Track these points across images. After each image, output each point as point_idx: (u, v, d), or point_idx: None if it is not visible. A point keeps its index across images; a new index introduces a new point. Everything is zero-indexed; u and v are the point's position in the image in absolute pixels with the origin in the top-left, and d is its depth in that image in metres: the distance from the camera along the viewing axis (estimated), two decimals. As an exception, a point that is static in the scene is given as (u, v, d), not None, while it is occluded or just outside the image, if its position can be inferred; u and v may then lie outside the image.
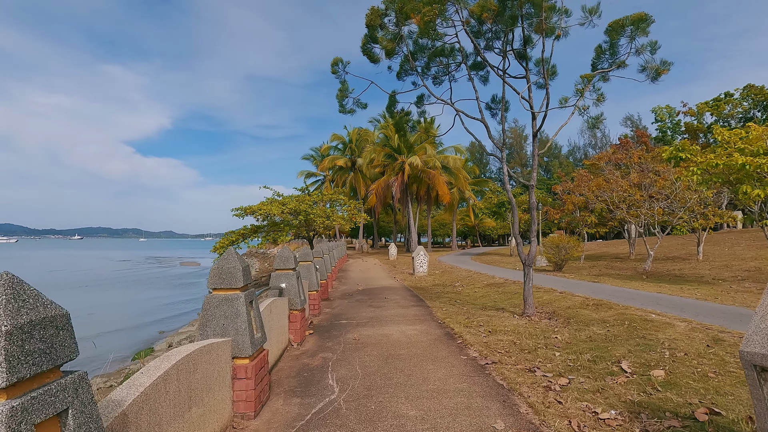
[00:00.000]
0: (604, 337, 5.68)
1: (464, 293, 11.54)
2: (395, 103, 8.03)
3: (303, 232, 30.59)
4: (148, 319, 18.49)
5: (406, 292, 12.11)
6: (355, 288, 13.23)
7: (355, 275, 17.80)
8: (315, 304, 8.43)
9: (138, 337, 14.37)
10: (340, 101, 7.56)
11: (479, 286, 12.58)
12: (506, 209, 29.34)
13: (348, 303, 10.14)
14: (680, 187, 14.61)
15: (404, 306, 9.46)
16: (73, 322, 1.64)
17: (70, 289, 29.59)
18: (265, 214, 29.14)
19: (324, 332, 6.92)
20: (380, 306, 9.53)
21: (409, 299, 10.56)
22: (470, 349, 5.59)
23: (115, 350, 11.91)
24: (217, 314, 3.65)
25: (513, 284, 12.15)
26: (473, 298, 10.53)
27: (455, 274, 16.61)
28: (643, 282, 12.33)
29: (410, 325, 7.31)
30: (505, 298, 10.01)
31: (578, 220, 20.68)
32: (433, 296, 11.08)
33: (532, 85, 7.10)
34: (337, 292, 12.27)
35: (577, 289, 10.79)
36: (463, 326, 6.94)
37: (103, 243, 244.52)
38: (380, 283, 14.47)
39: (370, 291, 12.42)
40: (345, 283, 14.88)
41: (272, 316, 5.11)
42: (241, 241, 28.80)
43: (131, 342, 13.53)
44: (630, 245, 21.75)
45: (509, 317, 7.55)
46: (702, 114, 51.27)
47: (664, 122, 54.12)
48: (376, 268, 22.30)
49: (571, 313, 7.41)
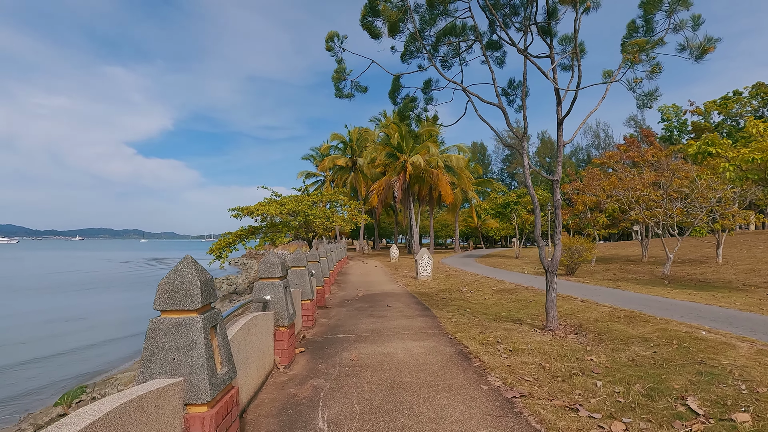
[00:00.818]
0: (652, 362, 4.74)
1: (473, 300, 10.59)
2: (399, 88, 7.10)
3: (302, 233, 29.72)
4: (130, 330, 17.49)
5: (410, 298, 11.17)
6: (355, 294, 12.30)
7: (355, 279, 16.86)
8: (309, 315, 7.49)
9: (103, 357, 12.75)
10: (337, 84, 6.63)
11: (489, 293, 11.63)
12: (511, 210, 28.39)
13: (347, 312, 9.20)
14: (702, 185, 13.66)
15: (409, 316, 8.52)
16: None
17: (63, 291, 28.81)
18: (263, 215, 28.31)
19: (317, 349, 5.99)
20: (382, 315, 8.59)
21: (414, 307, 9.62)
22: (491, 375, 4.65)
23: (56, 381, 10.15)
24: (166, 345, 2.72)
25: (526, 290, 11.20)
26: (484, 306, 9.58)
27: (461, 279, 15.66)
28: (667, 288, 11.37)
29: (417, 340, 6.37)
30: (520, 306, 9.06)
31: (588, 220, 19.72)
32: (440, 304, 10.14)
33: (556, 66, 6.16)
34: (335, 299, 11.33)
35: (598, 296, 9.84)
36: (478, 343, 6.00)
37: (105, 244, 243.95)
38: (382, 288, 13.53)
39: (370, 297, 11.48)
40: (344, 288, 13.94)
41: (251, 337, 4.18)
42: (239, 242, 27.89)
43: (85, 367, 11.78)
44: (642, 247, 20.78)
45: (529, 331, 6.60)
46: (709, 113, 50.37)
47: (670, 121, 53.14)
48: (377, 271, 21.36)
49: (602, 327, 6.46)
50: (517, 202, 27.75)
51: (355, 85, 6.75)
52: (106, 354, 12.39)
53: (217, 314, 3.02)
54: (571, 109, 5.94)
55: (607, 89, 5.82)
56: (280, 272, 5.20)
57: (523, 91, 6.21)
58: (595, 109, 5.89)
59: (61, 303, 23.48)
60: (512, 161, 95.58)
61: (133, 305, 22.93)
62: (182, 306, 2.74)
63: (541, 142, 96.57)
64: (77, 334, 15.09)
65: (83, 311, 20.69)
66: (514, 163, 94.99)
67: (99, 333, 15.50)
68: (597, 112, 8.65)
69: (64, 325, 17.13)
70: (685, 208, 14.58)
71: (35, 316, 18.98)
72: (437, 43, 6.80)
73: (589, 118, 6.33)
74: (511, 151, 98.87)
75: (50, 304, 23.19)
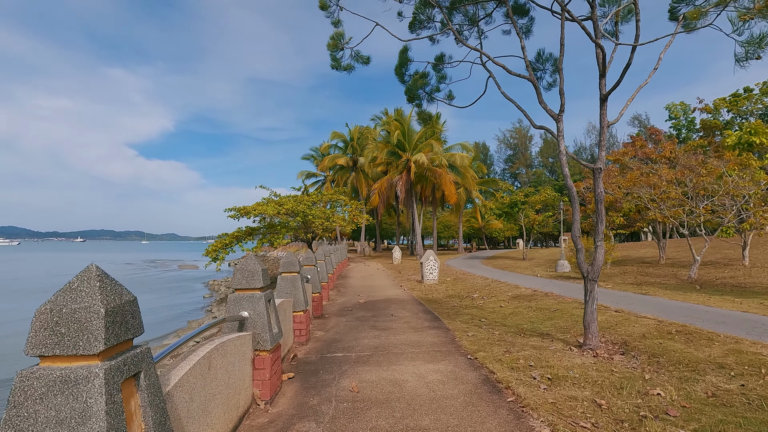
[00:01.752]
0: (745, 401, 3.64)
1: (488, 309, 9.49)
2: (407, 62, 6.03)
3: (301, 234, 28.70)
4: None
5: (417, 305, 10.08)
6: (356, 300, 11.21)
7: (356, 283, 15.78)
8: (302, 329, 6.41)
9: None
10: (333, 53, 5.55)
11: (504, 299, 10.53)
12: (519, 210, 27.30)
13: (346, 322, 8.12)
14: (734, 181, 12.57)
15: (417, 328, 7.43)
16: None
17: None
18: (261, 216, 27.29)
19: (310, 374, 4.91)
20: (387, 327, 7.50)
21: (422, 317, 8.53)
22: (533, 418, 3.56)
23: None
24: (40, 416, 1.65)
25: (545, 297, 10.10)
26: (501, 316, 8.48)
27: (470, 283, 14.56)
28: (702, 294, 10.26)
29: (430, 362, 5.28)
30: (544, 317, 7.96)
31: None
32: (451, 312, 9.05)
33: (599, 30, 5.07)
34: (333, 306, 10.24)
35: (630, 304, 8.73)
36: (506, 367, 4.91)
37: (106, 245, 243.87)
38: (385, 294, 12.45)
39: (373, 304, 10.39)
40: (344, 293, 12.86)
41: (214, 372, 3.10)
42: (235, 244, 26.87)
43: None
44: (660, 248, 19.65)
45: (564, 350, 5.51)
46: (718, 110, 49.25)
47: (678, 119, 52.00)
48: (379, 274, 20.28)
49: (653, 346, 5.37)
50: (524, 202, 26.64)
51: (355, 56, 5.68)
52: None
53: (140, 357, 1.93)
54: (622, 79, 4.84)
55: (671, 36, 4.72)
56: (261, 282, 4.11)
57: (561, 55, 5.12)
58: (655, 71, 4.82)
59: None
60: (514, 161, 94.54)
61: None
62: (71, 350, 1.67)
63: (544, 143, 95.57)
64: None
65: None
66: (516, 163, 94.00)
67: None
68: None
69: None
70: (712, 206, 13.49)
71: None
72: (452, 9, 5.73)
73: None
74: (513, 151, 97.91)
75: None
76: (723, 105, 48.83)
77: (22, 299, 24.30)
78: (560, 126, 5.23)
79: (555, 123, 5.26)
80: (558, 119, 5.22)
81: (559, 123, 5.24)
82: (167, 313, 20.03)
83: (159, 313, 20.19)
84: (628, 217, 18.40)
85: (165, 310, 20.99)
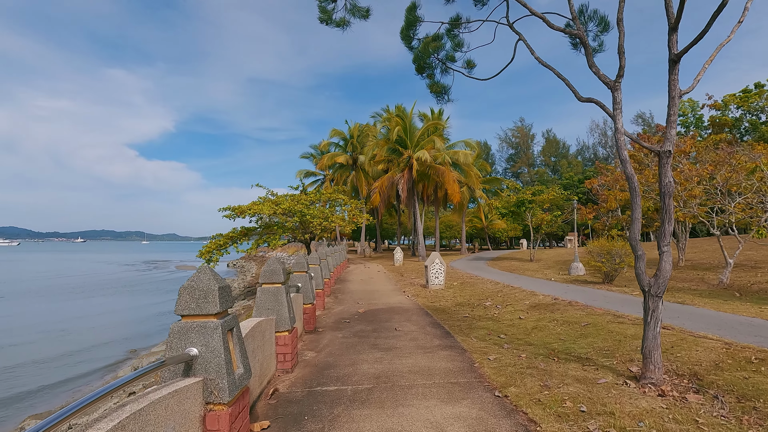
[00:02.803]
0: None
1: (505, 320, 8.29)
2: (415, 24, 4.84)
3: (298, 234, 27.54)
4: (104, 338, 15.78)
5: (423, 316, 8.88)
6: (355, 309, 10.02)
7: (355, 288, 14.58)
8: (288, 352, 5.22)
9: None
10: (322, 4, 4.37)
11: (521, 309, 9.33)
12: (526, 209, 26.10)
13: (343, 339, 6.93)
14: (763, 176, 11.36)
15: (427, 347, 6.24)
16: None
17: (54, 294, 27.20)
18: (258, 216, 26.15)
19: (291, 423, 3.71)
20: (390, 347, 6.31)
21: (431, 331, 7.34)
22: None
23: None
24: None
25: (569, 307, 8.90)
26: (523, 330, 7.29)
27: (480, 288, 13.36)
28: (748, 303, 9.06)
29: (447, 401, 4.09)
30: (575, 333, 6.76)
31: (618, 220, 17.40)
32: (463, 326, 7.85)
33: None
34: (329, 317, 9.05)
35: (672, 316, 7.52)
36: (550, 413, 3.71)
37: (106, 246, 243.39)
38: (387, 301, 11.25)
39: (374, 315, 9.19)
40: (342, 300, 11.67)
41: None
42: (230, 245, 25.70)
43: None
44: (679, 250, 18.45)
45: (618, 385, 4.31)
46: (728, 107, 48.02)
47: (686, 116, 50.83)
48: (380, 277, 19.08)
49: (735, 381, 4.17)
50: (532, 201, 25.44)
51: (351, 8, 4.48)
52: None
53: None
54: (708, 29, 3.63)
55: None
56: (217, 304, 2.89)
57: (621, 5, 3.92)
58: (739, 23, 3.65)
59: (44, 308, 22.04)
60: (516, 161, 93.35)
61: (109, 311, 21.16)
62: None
63: (546, 141, 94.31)
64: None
65: (61, 317, 18.85)
66: (518, 162, 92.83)
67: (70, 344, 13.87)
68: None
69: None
70: (745, 203, 12.29)
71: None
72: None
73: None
74: (515, 150, 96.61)
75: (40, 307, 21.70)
76: (733, 101, 47.56)
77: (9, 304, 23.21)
78: (617, 96, 4.04)
79: (610, 92, 4.07)
80: (615, 87, 4.03)
81: (616, 92, 4.04)
82: (154, 322, 18.91)
83: (144, 322, 19.11)
84: (645, 215, 17.19)
85: (152, 319, 19.85)
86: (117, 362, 12.93)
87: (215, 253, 24.84)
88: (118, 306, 23.84)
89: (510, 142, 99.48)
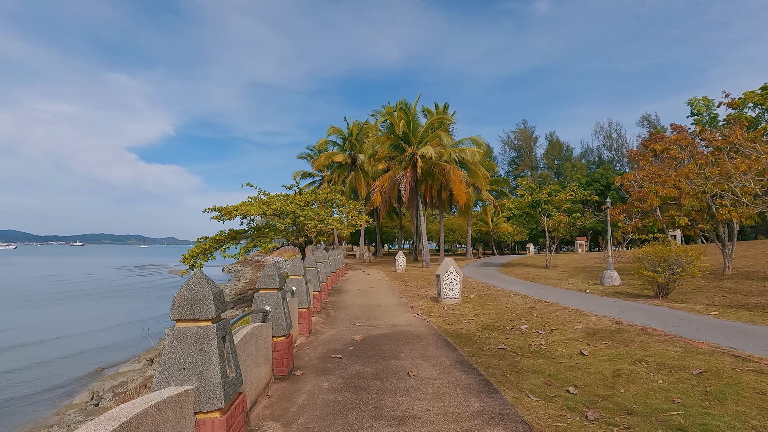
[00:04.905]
0: None
1: (562, 357, 5.86)
2: None
3: (291, 238, 25.13)
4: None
5: (444, 349, 6.46)
6: (350, 335, 7.58)
7: (352, 300, 12.16)
8: (237, 426, 2.80)
9: None
10: None
11: (576, 337, 6.89)
12: (542, 210, 23.73)
13: (328, 396, 4.50)
14: None
15: (461, 415, 3.82)
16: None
17: (33, 301, 25.60)
18: (250, 218, 23.73)
19: None
20: (403, 416, 3.88)
21: (460, 380, 4.92)
22: None
23: None
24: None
25: (646, 336, 6.46)
26: (601, 379, 4.85)
27: (504, 303, 10.93)
28: None
29: None
30: (694, 391, 4.33)
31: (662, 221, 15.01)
32: (504, 367, 5.44)
33: None
34: (315, 348, 6.62)
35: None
36: None
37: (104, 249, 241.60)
38: (391, 321, 8.83)
39: (375, 345, 6.77)
40: (335, 319, 9.24)
41: None
42: (217, 249, 23.27)
43: None
44: (725, 256, 16.01)
45: None
46: (745, 105, 45.88)
47: (701, 115, 48.64)
48: (381, 286, 16.65)
49: None
50: (548, 201, 23.08)
51: None
52: None
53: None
54: None
55: None
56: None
57: None
58: None
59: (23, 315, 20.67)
60: (519, 164, 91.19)
61: (88, 318, 19.10)
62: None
63: (549, 143, 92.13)
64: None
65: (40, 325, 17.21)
66: (521, 165, 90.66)
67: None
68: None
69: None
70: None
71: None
72: None
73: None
74: (517, 153, 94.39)
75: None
76: (752, 99, 45.41)
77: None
78: None
79: None
80: None
81: None
82: (131, 332, 16.97)
83: (122, 332, 17.36)
84: (689, 216, 14.81)
85: (130, 328, 17.85)
86: (78, 377, 11.25)
87: (200, 258, 22.42)
88: (99, 313, 22.14)
89: (512, 144, 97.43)
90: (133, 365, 13.94)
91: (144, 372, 13.01)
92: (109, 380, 12.44)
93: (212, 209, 23.22)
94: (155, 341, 16.66)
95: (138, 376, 12.56)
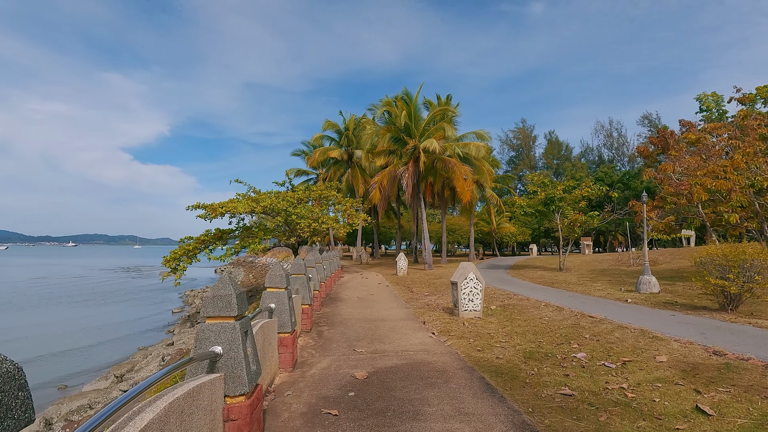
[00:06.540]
0: None
1: (668, 414, 3.87)
2: None
3: (282, 238, 23.08)
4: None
5: (483, 394, 4.46)
6: (349, 369, 5.55)
7: (350, 314, 10.12)
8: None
9: None
10: None
11: (670, 377, 4.89)
12: (555, 207, 21.82)
13: None
14: None
15: None
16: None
17: (21, 305, 24.13)
18: (238, 216, 21.63)
19: None
20: None
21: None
22: None
23: None
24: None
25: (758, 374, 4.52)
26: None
27: (537, 317, 8.94)
28: None
29: None
30: None
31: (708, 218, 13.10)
32: (593, 438, 3.46)
33: None
34: (300, 391, 4.59)
35: None
36: None
37: (97, 250, 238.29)
38: (402, 345, 6.81)
39: (385, 389, 4.75)
40: (329, 341, 7.20)
41: None
42: (201, 250, 21.15)
43: None
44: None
45: None
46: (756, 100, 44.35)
47: (710, 111, 47.05)
48: (383, 293, 14.61)
49: None
50: (562, 198, 21.17)
51: None
52: None
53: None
54: None
55: None
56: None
57: None
58: None
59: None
60: (518, 163, 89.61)
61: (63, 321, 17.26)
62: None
63: (548, 143, 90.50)
64: None
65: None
66: (520, 164, 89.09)
67: None
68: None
69: None
70: None
71: None
72: None
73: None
74: (516, 153, 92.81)
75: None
76: (765, 93, 43.84)
77: None
78: None
79: None
80: None
81: None
82: (124, 330, 15.45)
83: (114, 330, 15.81)
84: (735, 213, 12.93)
85: (122, 326, 16.41)
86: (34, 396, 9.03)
87: (183, 261, 20.32)
88: (78, 316, 20.78)
89: (511, 143, 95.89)
90: (99, 383, 12.04)
91: (109, 392, 11.00)
92: (68, 402, 10.53)
93: (196, 206, 21.10)
94: (130, 351, 14.79)
95: (102, 398, 10.56)
